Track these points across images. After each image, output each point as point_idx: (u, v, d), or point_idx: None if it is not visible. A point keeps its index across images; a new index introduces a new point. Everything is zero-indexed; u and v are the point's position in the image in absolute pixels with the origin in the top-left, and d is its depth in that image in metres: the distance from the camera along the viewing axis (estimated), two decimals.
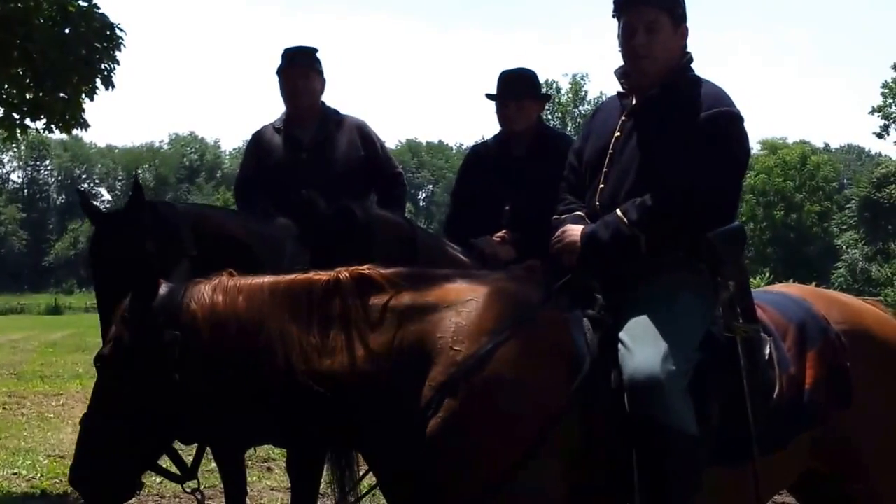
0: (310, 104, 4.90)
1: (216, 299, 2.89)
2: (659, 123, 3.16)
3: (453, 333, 2.86)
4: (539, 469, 2.77)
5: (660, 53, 3.21)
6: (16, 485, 6.79)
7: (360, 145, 4.86)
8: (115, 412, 2.85)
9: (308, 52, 4.96)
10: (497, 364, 2.80)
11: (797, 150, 63.82)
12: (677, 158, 3.05)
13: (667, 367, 2.81)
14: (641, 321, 2.93)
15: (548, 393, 2.83)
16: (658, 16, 3.20)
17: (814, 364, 3.20)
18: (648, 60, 3.22)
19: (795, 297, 3.45)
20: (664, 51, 3.21)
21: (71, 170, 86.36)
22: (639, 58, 3.23)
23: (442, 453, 2.75)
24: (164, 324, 2.84)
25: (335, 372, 2.82)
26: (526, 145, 4.68)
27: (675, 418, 2.79)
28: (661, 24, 3.20)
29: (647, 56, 3.21)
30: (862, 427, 3.22)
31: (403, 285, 2.96)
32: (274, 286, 2.94)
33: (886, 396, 3.28)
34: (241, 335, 2.84)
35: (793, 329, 3.25)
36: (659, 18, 3.20)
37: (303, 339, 2.84)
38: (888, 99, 51.79)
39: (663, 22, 3.20)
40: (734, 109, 3.16)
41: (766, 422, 3.01)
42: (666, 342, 2.86)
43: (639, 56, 3.22)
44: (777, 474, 3.18)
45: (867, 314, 3.47)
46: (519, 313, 2.92)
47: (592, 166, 3.33)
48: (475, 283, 3.04)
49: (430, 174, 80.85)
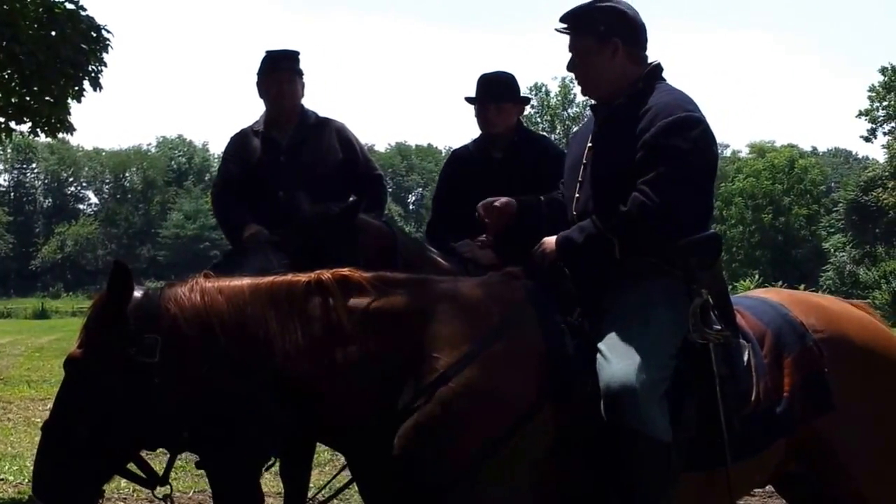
0: (291, 106, 4.91)
1: (196, 301, 2.85)
2: (622, 133, 3.18)
3: (433, 339, 2.87)
4: (512, 474, 2.80)
5: (592, 76, 3.33)
6: (2, 490, 6.75)
7: (339, 148, 4.86)
8: (84, 417, 2.77)
9: (290, 55, 4.97)
10: (477, 371, 2.82)
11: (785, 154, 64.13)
12: (636, 171, 3.07)
13: (642, 376, 2.83)
14: (618, 330, 2.96)
15: (525, 399, 2.85)
16: (582, 41, 3.30)
17: (791, 371, 3.21)
18: (585, 87, 3.40)
19: (774, 302, 3.46)
20: (596, 72, 3.31)
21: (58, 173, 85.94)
22: (580, 85, 3.41)
23: (420, 458, 2.77)
24: (142, 327, 2.79)
25: (317, 374, 2.82)
26: (505, 148, 4.71)
27: (650, 426, 2.81)
28: (587, 49, 3.30)
29: (583, 83, 3.39)
30: (843, 431, 3.24)
31: (385, 289, 2.97)
32: (255, 287, 2.93)
33: (867, 400, 3.29)
34: (224, 337, 2.82)
35: (770, 336, 3.26)
36: (584, 44, 3.30)
37: (286, 340, 2.83)
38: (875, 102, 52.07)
39: (587, 44, 3.30)
40: (692, 114, 3.13)
41: (742, 428, 3.03)
42: (641, 351, 2.88)
43: (579, 84, 3.41)
44: (749, 479, 3.21)
45: (847, 318, 3.48)
46: (499, 320, 2.94)
47: (570, 178, 3.39)
48: (455, 289, 3.07)
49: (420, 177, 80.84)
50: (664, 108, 3.13)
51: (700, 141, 3.11)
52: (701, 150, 3.12)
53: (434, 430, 2.77)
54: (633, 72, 3.29)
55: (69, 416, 2.81)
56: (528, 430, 2.81)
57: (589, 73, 3.33)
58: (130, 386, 2.77)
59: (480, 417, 2.80)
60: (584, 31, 3.29)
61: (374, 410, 2.83)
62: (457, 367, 2.81)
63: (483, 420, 2.80)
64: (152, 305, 2.85)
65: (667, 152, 3.05)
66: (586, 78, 3.35)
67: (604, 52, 3.28)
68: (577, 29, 3.31)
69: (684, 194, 3.07)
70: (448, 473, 2.75)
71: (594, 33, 3.28)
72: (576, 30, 3.31)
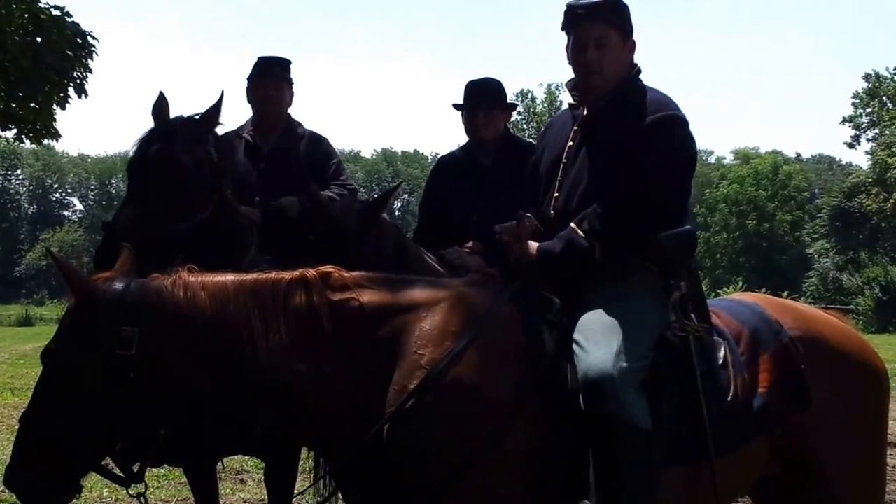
0: (276, 115, 4.93)
1: (178, 295, 2.81)
2: (607, 133, 3.24)
3: (416, 337, 2.90)
4: (503, 471, 2.82)
5: (609, 68, 3.29)
6: None
7: (318, 159, 4.87)
8: (60, 410, 2.72)
9: (281, 62, 4.99)
10: (461, 368, 2.84)
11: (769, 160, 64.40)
12: (625, 166, 3.12)
13: (619, 363, 2.87)
14: (595, 322, 3.01)
15: (510, 395, 2.87)
16: (607, 31, 3.28)
17: (768, 368, 3.26)
18: (599, 76, 3.31)
19: (749, 303, 3.53)
20: (613, 66, 3.30)
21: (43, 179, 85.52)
22: (591, 74, 3.31)
23: (403, 454, 2.78)
24: (121, 319, 2.74)
25: (300, 372, 2.81)
26: (493, 154, 4.74)
27: (628, 413, 2.85)
28: (610, 40, 3.29)
29: (598, 72, 3.30)
30: (818, 431, 3.28)
31: (368, 287, 2.99)
32: (239, 284, 2.90)
33: (841, 401, 3.33)
34: (205, 333, 2.79)
35: (746, 333, 3.32)
36: (608, 34, 3.29)
37: (269, 338, 2.81)
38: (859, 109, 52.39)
39: (612, 37, 3.29)
40: (678, 114, 3.22)
41: (721, 423, 3.07)
42: (618, 340, 2.93)
43: (591, 72, 3.31)
44: (734, 478, 3.23)
45: (820, 320, 3.55)
46: (479, 317, 2.97)
47: (547, 177, 3.41)
48: (437, 289, 3.09)
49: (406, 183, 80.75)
50: (651, 106, 3.20)
51: (684, 140, 3.23)
52: (685, 149, 3.23)
53: (424, 431, 2.78)
54: (627, 74, 3.35)
55: (44, 408, 2.76)
56: (515, 426, 2.84)
57: (606, 67, 3.29)
58: (105, 379, 2.72)
59: (469, 415, 2.82)
60: (614, 23, 3.30)
61: (357, 410, 2.83)
62: (441, 366, 2.83)
63: (472, 418, 2.82)
64: (133, 297, 2.79)
65: (653, 150, 3.12)
66: (602, 69, 3.29)
67: (624, 50, 3.33)
68: (607, 20, 3.29)
69: (668, 190, 3.15)
70: (440, 473, 2.75)
71: (621, 29, 3.31)
72: (606, 20, 3.28)
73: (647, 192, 3.10)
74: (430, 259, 4.36)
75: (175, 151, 3.92)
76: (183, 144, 3.95)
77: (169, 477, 7.01)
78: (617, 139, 3.19)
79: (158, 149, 3.94)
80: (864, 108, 52.30)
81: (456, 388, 2.82)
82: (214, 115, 4.11)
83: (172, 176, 3.88)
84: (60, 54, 9.48)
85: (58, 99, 9.67)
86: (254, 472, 7.21)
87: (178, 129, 4.01)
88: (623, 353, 2.90)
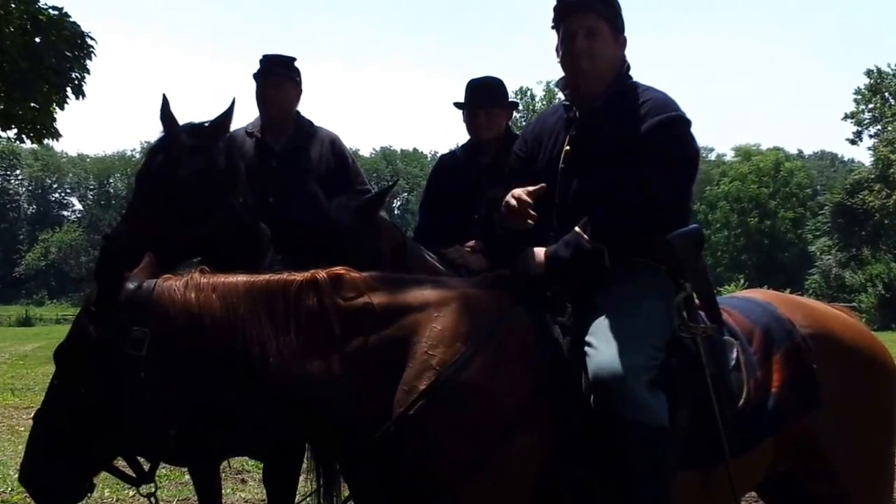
0: (281, 114, 4.88)
1: (189, 297, 2.81)
2: (607, 136, 3.20)
3: (427, 338, 2.86)
4: (514, 473, 2.79)
5: (600, 57, 3.26)
6: None
7: (331, 158, 4.84)
8: (72, 409, 2.75)
9: (285, 61, 4.94)
10: (471, 370, 2.81)
11: (771, 157, 64.46)
12: (627, 169, 3.09)
13: (628, 362, 2.84)
14: (605, 323, 2.97)
15: (521, 397, 2.84)
16: (598, 22, 3.27)
17: (780, 367, 3.24)
18: (588, 60, 3.26)
19: (760, 301, 3.50)
20: (604, 56, 3.27)
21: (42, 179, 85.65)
22: (580, 57, 3.26)
23: (412, 455, 2.75)
24: (132, 320, 2.75)
25: (311, 374, 2.80)
26: (494, 153, 4.71)
27: (640, 411, 2.81)
28: (600, 30, 3.27)
29: (589, 56, 3.25)
30: (829, 428, 3.26)
31: (378, 288, 2.96)
32: (249, 285, 2.89)
33: (852, 397, 3.31)
34: (215, 335, 2.78)
35: (758, 332, 3.29)
36: (599, 25, 3.27)
37: (279, 340, 2.80)
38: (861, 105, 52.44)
39: (603, 28, 3.28)
40: (680, 114, 3.20)
41: (735, 425, 3.05)
42: (627, 339, 2.89)
43: (580, 56, 3.26)
44: (745, 477, 3.21)
45: (831, 317, 3.52)
46: (491, 319, 2.93)
47: (547, 182, 3.28)
48: (447, 290, 3.05)
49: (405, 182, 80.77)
50: (653, 107, 3.17)
51: (687, 141, 3.21)
52: (688, 151, 3.21)
53: (433, 432, 2.75)
54: (619, 71, 3.33)
55: (57, 407, 2.80)
56: (524, 429, 2.80)
57: (599, 54, 3.27)
58: (117, 379, 2.73)
59: (480, 417, 2.79)
60: (606, 16, 3.28)
61: (367, 411, 2.80)
62: (452, 368, 2.80)
63: (481, 420, 2.79)
64: (144, 298, 2.79)
65: (656, 153, 3.09)
66: (593, 63, 3.26)
67: (615, 44, 3.31)
68: (598, 11, 3.27)
69: (672, 192, 3.13)
70: (449, 475, 2.73)
71: (612, 22, 3.30)
72: (597, 11, 3.26)
73: (651, 195, 3.07)
74: (430, 258, 4.33)
75: (175, 163, 3.90)
76: (186, 155, 3.92)
77: (170, 477, 7.00)
78: (617, 142, 3.16)
79: (159, 161, 3.93)
80: (866, 104, 52.37)
81: (466, 390, 2.79)
82: (224, 122, 4.09)
83: (171, 188, 3.87)
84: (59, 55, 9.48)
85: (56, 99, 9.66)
86: (255, 471, 7.20)
87: (183, 139, 3.98)
88: (632, 351, 2.87)
